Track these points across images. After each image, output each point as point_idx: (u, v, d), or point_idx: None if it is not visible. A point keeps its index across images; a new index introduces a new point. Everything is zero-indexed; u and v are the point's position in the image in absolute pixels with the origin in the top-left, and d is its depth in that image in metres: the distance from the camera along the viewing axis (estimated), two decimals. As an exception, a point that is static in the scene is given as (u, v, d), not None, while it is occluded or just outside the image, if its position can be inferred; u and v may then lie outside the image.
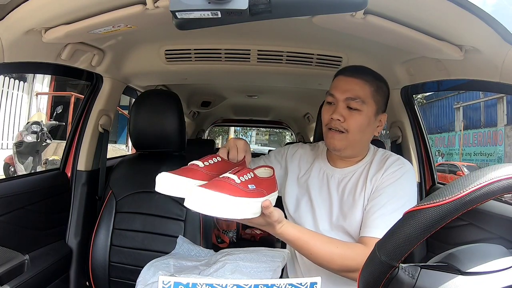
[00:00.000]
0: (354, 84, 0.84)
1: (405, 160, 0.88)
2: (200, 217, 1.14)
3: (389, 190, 0.81)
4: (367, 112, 0.84)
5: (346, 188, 0.88)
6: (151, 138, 1.20)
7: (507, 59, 0.71)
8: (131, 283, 1.12)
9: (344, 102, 0.84)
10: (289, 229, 0.74)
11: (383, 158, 0.89)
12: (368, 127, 0.86)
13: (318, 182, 0.92)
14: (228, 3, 0.54)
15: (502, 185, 0.38)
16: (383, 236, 0.43)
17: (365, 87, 0.84)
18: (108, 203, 1.19)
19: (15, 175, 4.11)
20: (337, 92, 0.85)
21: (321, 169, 0.94)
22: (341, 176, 0.90)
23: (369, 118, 0.85)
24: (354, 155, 0.90)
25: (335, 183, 0.90)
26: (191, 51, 1.20)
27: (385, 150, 0.94)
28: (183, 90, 2.02)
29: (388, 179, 0.83)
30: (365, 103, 0.83)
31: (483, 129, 11.49)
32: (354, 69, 0.87)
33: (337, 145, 0.86)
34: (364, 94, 0.83)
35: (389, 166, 0.85)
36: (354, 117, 0.84)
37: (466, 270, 0.40)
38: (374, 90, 0.84)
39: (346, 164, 0.91)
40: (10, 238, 0.97)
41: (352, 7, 0.63)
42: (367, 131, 0.87)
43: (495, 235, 0.83)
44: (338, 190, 0.89)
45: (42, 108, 6.64)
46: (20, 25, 0.78)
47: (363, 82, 0.84)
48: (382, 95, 0.87)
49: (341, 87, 0.85)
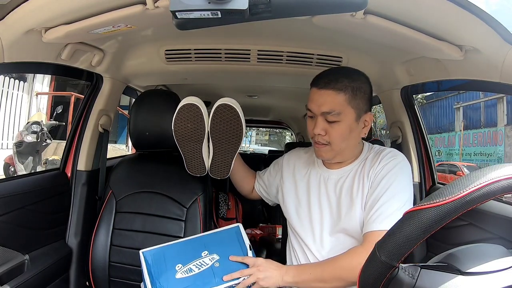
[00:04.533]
0: (327, 96, 0.83)
1: (398, 152, 0.88)
2: (200, 217, 1.14)
3: (383, 182, 0.82)
4: (346, 121, 0.83)
5: (343, 188, 0.88)
6: (151, 138, 1.20)
7: (507, 59, 0.71)
8: (131, 283, 1.12)
9: (321, 116, 0.84)
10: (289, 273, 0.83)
11: (377, 153, 0.89)
12: (352, 133, 0.86)
13: (316, 186, 0.93)
14: (228, 3, 0.54)
15: (502, 185, 0.38)
16: (383, 236, 0.43)
17: (338, 97, 0.82)
18: (108, 203, 1.18)
19: (15, 175, 4.11)
20: (313, 106, 0.86)
21: (317, 173, 0.95)
22: (337, 177, 0.91)
23: (350, 125, 0.84)
24: (346, 159, 0.91)
25: (332, 185, 0.91)
26: (191, 51, 1.20)
27: (380, 146, 0.94)
28: (183, 90, 2.01)
29: (381, 171, 0.84)
30: (342, 113, 0.83)
31: (483, 129, 11.48)
32: (326, 79, 0.85)
33: (325, 156, 0.88)
34: (339, 105, 0.82)
35: (382, 159, 0.86)
36: (334, 129, 0.84)
37: (466, 270, 0.40)
38: (350, 96, 0.83)
39: (341, 165, 0.92)
40: (10, 238, 0.97)
41: (352, 7, 0.63)
42: (351, 137, 0.86)
43: (495, 235, 0.83)
44: (336, 191, 0.90)
45: (42, 108, 6.63)
46: (20, 25, 0.78)
47: (335, 93, 0.82)
48: (361, 97, 0.85)
49: (316, 101, 0.85)
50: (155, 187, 1.19)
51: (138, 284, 1.05)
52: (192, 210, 1.15)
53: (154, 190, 1.19)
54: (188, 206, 1.16)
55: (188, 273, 0.85)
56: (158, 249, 0.89)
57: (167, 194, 1.18)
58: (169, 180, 1.19)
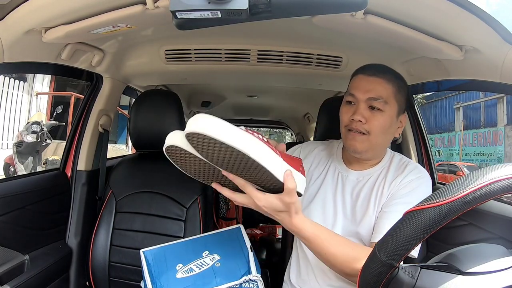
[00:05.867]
0: (376, 84, 0.81)
1: (423, 169, 0.85)
2: (200, 217, 1.14)
3: (406, 198, 0.79)
4: (389, 113, 0.81)
5: (361, 192, 0.85)
6: (151, 138, 1.20)
7: (507, 59, 0.71)
8: (131, 283, 1.12)
9: (365, 102, 0.81)
10: (306, 224, 0.67)
11: (401, 164, 0.86)
12: (390, 128, 0.83)
13: (333, 183, 0.89)
14: (228, 3, 0.54)
15: (502, 185, 0.38)
16: (383, 236, 0.43)
17: (387, 86, 0.81)
18: (108, 203, 1.19)
19: (15, 175, 4.11)
20: (358, 92, 0.82)
21: (336, 170, 0.91)
22: (356, 180, 0.87)
23: (391, 118, 0.82)
24: (373, 158, 0.87)
25: (349, 187, 0.87)
26: (191, 51, 1.20)
27: (402, 155, 0.91)
28: (183, 90, 2.02)
29: (405, 186, 0.81)
30: (388, 103, 0.80)
31: (483, 129, 11.48)
32: (376, 68, 0.84)
33: (358, 147, 0.82)
34: (386, 94, 0.80)
35: (408, 174, 0.82)
36: (377, 118, 0.80)
37: (466, 270, 0.40)
38: (396, 89, 0.82)
39: (362, 167, 0.88)
40: (10, 238, 0.97)
41: (352, 7, 0.63)
42: (389, 132, 0.84)
43: (495, 235, 0.83)
44: (353, 194, 0.86)
45: (42, 108, 6.63)
46: (20, 25, 0.78)
47: (385, 82, 0.81)
48: (403, 95, 0.84)
49: (363, 87, 0.82)
50: (155, 187, 1.19)
51: (138, 284, 1.05)
52: (192, 210, 1.15)
53: (154, 190, 1.19)
54: (188, 206, 1.16)
55: (189, 273, 0.85)
56: (158, 249, 0.89)
57: (167, 194, 1.18)
58: (169, 180, 1.19)
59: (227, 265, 0.87)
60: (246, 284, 0.86)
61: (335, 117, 0.89)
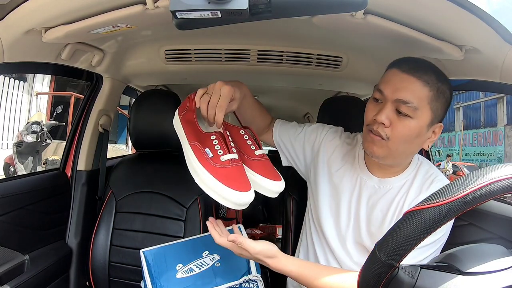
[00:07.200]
0: (409, 83, 0.69)
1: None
2: (200, 217, 1.14)
3: None
4: (419, 121, 0.69)
5: (378, 204, 0.77)
6: (151, 138, 1.20)
7: (507, 59, 0.71)
8: (131, 283, 1.12)
9: (393, 103, 0.70)
10: (288, 265, 0.71)
11: (427, 177, 0.76)
12: (417, 138, 0.71)
13: (350, 187, 0.81)
14: (228, 3, 0.54)
15: (502, 185, 0.38)
16: (383, 236, 0.43)
17: (422, 89, 0.68)
18: (108, 203, 1.19)
19: (15, 175, 4.11)
20: (387, 89, 0.71)
21: (355, 172, 0.82)
22: (374, 187, 0.79)
23: (420, 128, 0.70)
24: (395, 165, 0.78)
25: (366, 194, 0.79)
26: (191, 51, 1.20)
27: (430, 164, 0.81)
28: (183, 90, 2.01)
29: None
30: (419, 110, 0.68)
31: (483, 129, 11.49)
32: (414, 63, 0.71)
33: (375, 151, 0.73)
34: (419, 99, 0.68)
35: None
36: (403, 124, 0.69)
37: (466, 270, 0.40)
38: (434, 95, 0.69)
39: (383, 174, 0.79)
40: (10, 238, 0.97)
41: (352, 7, 0.62)
42: (414, 143, 0.72)
43: (495, 235, 0.83)
44: (369, 202, 0.78)
45: (42, 108, 6.64)
46: (20, 25, 0.78)
47: (422, 84, 0.68)
48: (443, 102, 0.71)
49: (393, 84, 0.70)
50: (155, 187, 1.19)
51: (138, 284, 1.05)
52: (192, 210, 1.15)
53: (154, 190, 1.19)
54: (188, 206, 1.16)
55: (189, 273, 0.85)
56: (158, 249, 0.89)
57: (167, 194, 1.18)
58: (169, 180, 1.19)
59: (227, 265, 0.87)
60: (246, 284, 0.86)
61: (335, 117, 0.89)
